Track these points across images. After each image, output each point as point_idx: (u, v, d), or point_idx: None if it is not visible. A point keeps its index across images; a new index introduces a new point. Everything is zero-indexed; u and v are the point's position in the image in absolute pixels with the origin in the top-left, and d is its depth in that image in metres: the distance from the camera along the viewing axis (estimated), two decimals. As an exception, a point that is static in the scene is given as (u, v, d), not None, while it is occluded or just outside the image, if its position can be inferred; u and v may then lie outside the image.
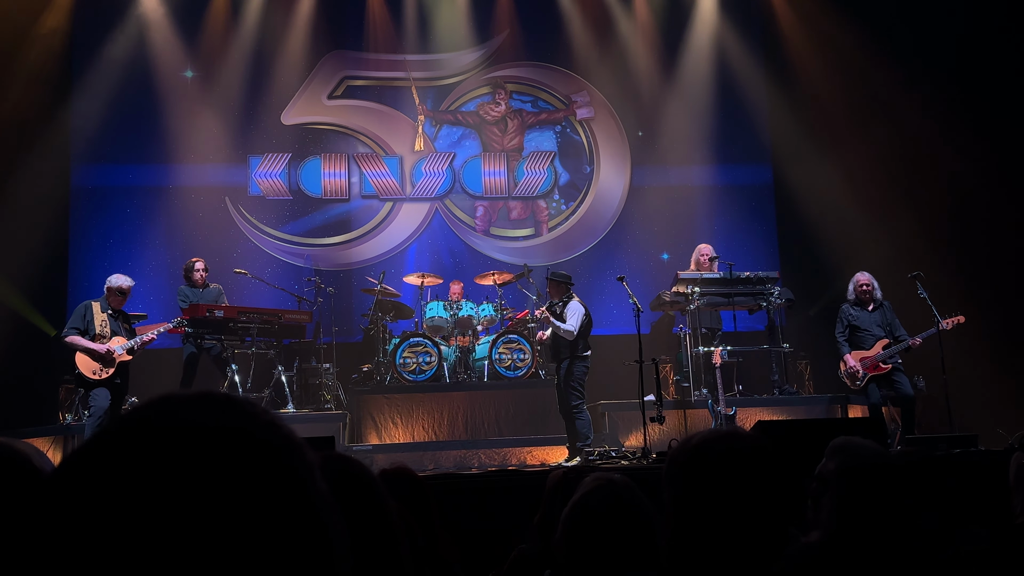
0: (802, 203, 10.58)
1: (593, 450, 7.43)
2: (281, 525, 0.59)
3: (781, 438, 5.12)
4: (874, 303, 7.81)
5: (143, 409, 0.62)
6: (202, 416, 0.61)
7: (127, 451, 0.59)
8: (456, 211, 10.99)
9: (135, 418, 0.61)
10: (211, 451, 0.59)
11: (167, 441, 0.59)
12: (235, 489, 0.58)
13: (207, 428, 0.60)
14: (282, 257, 10.55)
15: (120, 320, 7.26)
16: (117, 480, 0.57)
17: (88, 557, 0.55)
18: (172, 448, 0.59)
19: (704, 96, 11.17)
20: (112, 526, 0.56)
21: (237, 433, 0.61)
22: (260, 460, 0.60)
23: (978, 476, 4.14)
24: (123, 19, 10.28)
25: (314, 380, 8.89)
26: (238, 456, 0.60)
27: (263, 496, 0.59)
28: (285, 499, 0.60)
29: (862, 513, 1.87)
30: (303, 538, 0.60)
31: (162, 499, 0.56)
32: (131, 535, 0.55)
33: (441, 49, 11.10)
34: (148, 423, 0.61)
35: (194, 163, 10.39)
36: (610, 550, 1.80)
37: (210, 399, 0.63)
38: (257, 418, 0.63)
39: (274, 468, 0.60)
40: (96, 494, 0.57)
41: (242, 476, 0.59)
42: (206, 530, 0.56)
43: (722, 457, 1.51)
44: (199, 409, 0.62)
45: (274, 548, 0.58)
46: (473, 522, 4.91)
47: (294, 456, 0.62)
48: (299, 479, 0.61)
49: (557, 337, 7.56)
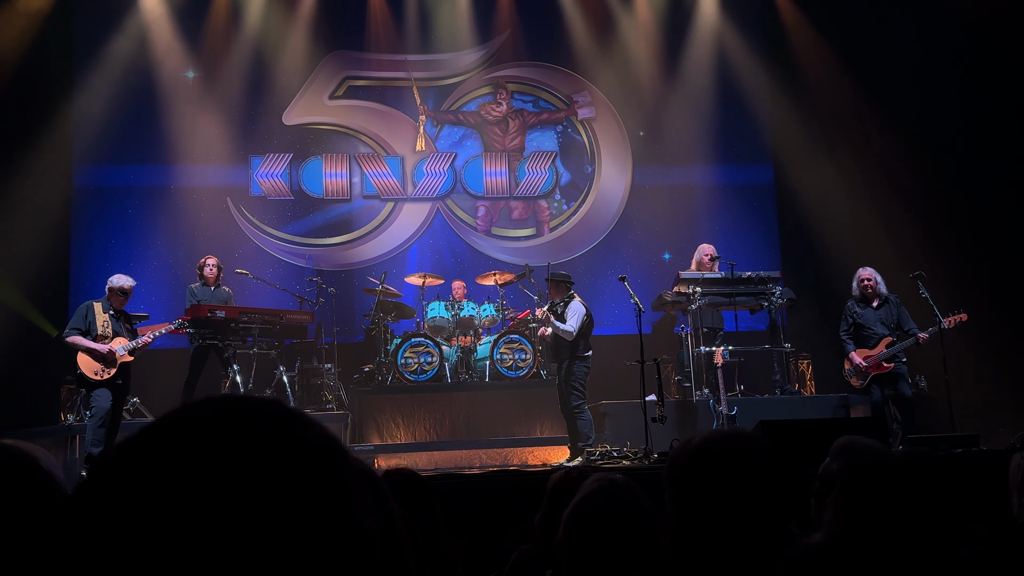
0: (804, 203, 10.58)
1: (595, 450, 7.43)
2: (326, 530, 0.59)
3: (783, 438, 5.12)
4: (879, 299, 7.78)
5: (198, 406, 0.63)
6: (258, 418, 0.62)
7: (176, 448, 0.59)
8: (457, 211, 11.00)
9: (189, 416, 0.62)
10: (265, 453, 0.60)
11: (223, 439, 0.60)
12: (285, 491, 0.59)
13: (263, 430, 0.61)
14: (283, 257, 10.56)
15: (122, 320, 7.25)
16: (162, 475, 0.58)
17: (133, 551, 0.55)
18: (227, 446, 0.59)
19: (705, 96, 11.17)
20: (160, 520, 0.56)
21: (293, 439, 0.62)
22: (305, 460, 0.61)
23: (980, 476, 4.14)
24: (124, 20, 10.28)
25: (316, 380, 8.90)
26: (291, 459, 0.60)
27: (311, 499, 0.60)
28: (332, 505, 0.60)
29: (866, 513, 1.87)
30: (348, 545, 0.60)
31: (211, 495, 0.57)
32: (173, 531, 0.56)
33: (442, 49, 11.11)
34: (201, 420, 0.61)
35: (195, 163, 10.40)
36: (612, 550, 1.80)
37: (267, 403, 0.64)
38: (312, 426, 0.64)
39: (318, 469, 0.61)
40: (146, 488, 0.57)
41: (292, 478, 0.59)
42: (251, 526, 0.56)
43: (723, 457, 1.52)
44: (255, 411, 0.63)
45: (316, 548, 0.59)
46: (475, 522, 4.91)
47: (338, 459, 0.63)
48: (345, 484, 0.62)
49: (558, 337, 7.56)
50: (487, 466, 7.60)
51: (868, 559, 1.82)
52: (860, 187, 10.04)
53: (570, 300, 7.59)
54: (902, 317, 7.75)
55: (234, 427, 0.60)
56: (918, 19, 9.92)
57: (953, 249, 9.40)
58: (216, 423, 0.61)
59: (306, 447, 0.62)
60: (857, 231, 9.91)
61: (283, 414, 0.63)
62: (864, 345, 7.73)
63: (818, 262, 10.23)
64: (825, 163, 10.30)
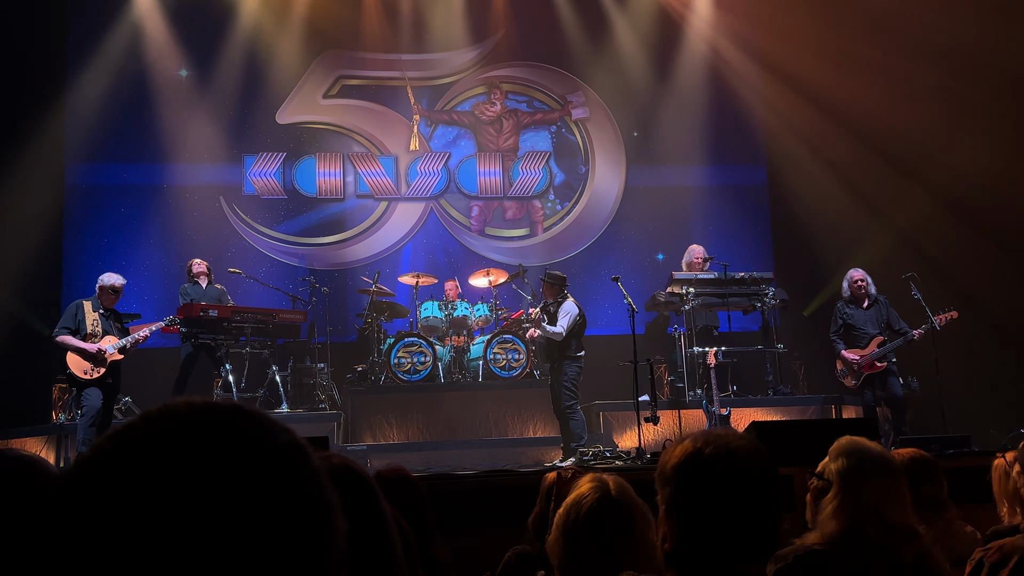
0: (797, 204, 10.59)
1: (587, 450, 7.43)
2: (286, 523, 0.61)
3: (775, 438, 5.12)
4: (869, 299, 7.81)
5: (162, 413, 0.64)
6: (218, 421, 0.63)
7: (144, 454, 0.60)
8: (451, 211, 10.99)
9: (154, 423, 0.63)
10: (226, 454, 0.61)
11: (188, 444, 0.61)
12: (248, 487, 0.60)
13: (226, 433, 0.62)
14: (277, 256, 10.53)
15: (112, 319, 7.21)
16: (134, 478, 0.59)
17: (111, 552, 0.57)
18: (190, 451, 0.60)
19: (699, 96, 11.18)
20: (132, 522, 0.57)
21: (249, 437, 0.63)
22: (270, 462, 0.62)
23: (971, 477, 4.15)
24: (118, 18, 10.24)
25: (308, 380, 8.88)
26: (251, 458, 0.62)
27: (271, 492, 0.61)
28: (292, 498, 0.62)
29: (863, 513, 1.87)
30: (306, 535, 0.61)
31: (177, 498, 0.58)
32: (147, 531, 0.57)
33: (436, 49, 11.09)
34: (166, 428, 0.62)
35: (189, 162, 10.37)
36: (604, 551, 1.80)
37: (224, 407, 0.65)
38: (267, 423, 0.65)
39: (282, 471, 0.62)
40: (118, 489, 0.59)
41: (254, 475, 0.61)
42: (219, 523, 0.58)
43: (716, 458, 1.51)
44: (216, 415, 0.64)
45: (277, 543, 0.60)
46: (468, 522, 4.91)
47: (302, 460, 0.65)
48: (306, 481, 0.64)
49: (548, 337, 7.56)
50: (480, 466, 7.59)
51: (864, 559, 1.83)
52: (853, 187, 10.06)
53: (563, 300, 7.59)
54: (892, 317, 7.78)
55: (198, 434, 0.61)
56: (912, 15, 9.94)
57: (945, 250, 9.43)
58: (178, 430, 0.61)
59: (270, 453, 0.63)
60: (850, 232, 9.93)
61: (247, 419, 0.64)
62: (855, 345, 7.75)
63: (811, 263, 10.25)
64: (818, 164, 10.32)
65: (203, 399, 0.66)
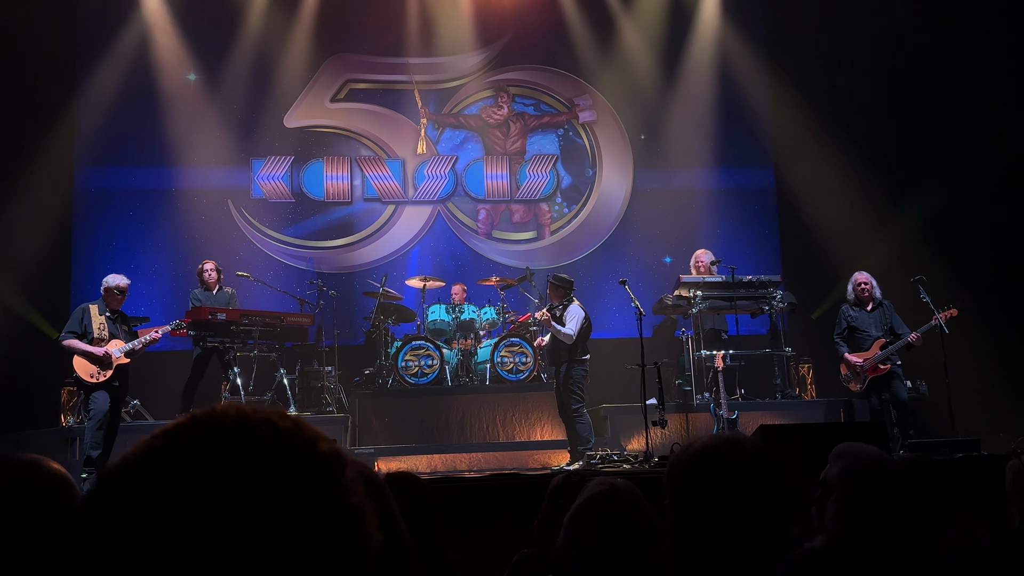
0: (804, 207, 10.57)
1: (595, 454, 7.43)
2: (325, 530, 0.63)
3: (783, 442, 5.11)
4: (873, 303, 7.81)
5: (211, 418, 0.66)
6: (265, 431, 0.65)
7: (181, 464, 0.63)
8: (458, 214, 11.00)
9: (193, 431, 0.65)
10: (271, 463, 0.63)
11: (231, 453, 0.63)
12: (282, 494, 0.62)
13: (271, 443, 0.65)
14: (284, 260, 10.56)
15: (120, 322, 7.19)
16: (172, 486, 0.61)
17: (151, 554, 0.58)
18: (231, 459, 0.63)
19: (706, 99, 11.17)
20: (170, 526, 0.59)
21: (293, 447, 0.65)
22: (313, 472, 0.65)
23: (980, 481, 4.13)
24: (126, 22, 10.29)
25: (316, 383, 8.89)
26: (294, 468, 0.64)
27: (305, 499, 0.63)
28: (331, 507, 0.65)
29: (866, 518, 1.87)
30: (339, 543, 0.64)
31: (215, 503, 0.60)
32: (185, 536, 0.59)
33: (444, 52, 11.11)
34: (205, 437, 0.64)
35: (197, 166, 10.41)
36: (613, 555, 1.80)
37: (269, 416, 0.68)
38: (309, 433, 0.68)
39: (323, 481, 0.65)
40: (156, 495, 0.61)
41: (297, 484, 0.63)
42: (259, 528, 0.60)
43: (724, 463, 1.52)
44: (262, 424, 0.66)
45: (310, 547, 0.62)
46: (475, 526, 4.91)
47: (342, 471, 0.68)
48: (344, 491, 0.66)
49: (556, 340, 7.56)
50: (487, 469, 7.59)
51: (868, 564, 1.82)
52: (861, 190, 10.03)
53: (569, 303, 7.59)
54: (895, 322, 7.78)
55: (236, 444, 0.63)
56: (920, 19, 9.92)
57: (953, 254, 9.40)
58: (217, 439, 0.63)
59: (307, 463, 0.65)
60: (857, 235, 9.90)
61: (291, 428, 0.66)
62: (858, 348, 7.75)
63: (818, 266, 10.22)
64: (826, 166, 10.29)
65: (250, 407, 0.68)
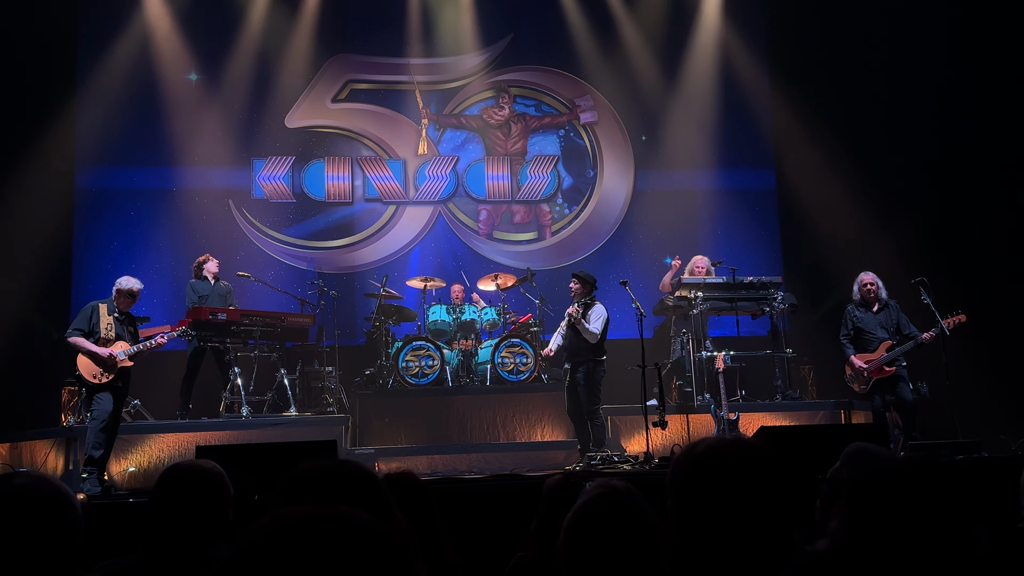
0: (805, 208, 10.57)
1: (596, 455, 7.41)
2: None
3: (785, 443, 5.10)
4: (879, 303, 7.77)
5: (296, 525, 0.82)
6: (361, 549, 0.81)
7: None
8: (459, 215, 10.99)
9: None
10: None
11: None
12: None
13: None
14: (285, 260, 10.56)
15: (126, 324, 7.17)
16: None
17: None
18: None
19: (708, 100, 11.17)
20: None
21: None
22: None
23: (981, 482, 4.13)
24: (128, 22, 10.29)
25: (317, 383, 8.89)
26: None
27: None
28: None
29: (873, 520, 1.86)
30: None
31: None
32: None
33: (445, 53, 11.11)
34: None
35: (198, 166, 10.41)
36: (613, 557, 1.79)
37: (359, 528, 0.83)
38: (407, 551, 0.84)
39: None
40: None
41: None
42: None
43: (726, 464, 1.51)
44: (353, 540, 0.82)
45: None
46: (474, 527, 4.90)
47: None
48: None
49: (578, 338, 7.54)
50: (487, 470, 7.58)
51: (874, 566, 1.81)
52: (862, 192, 10.03)
53: (592, 303, 7.60)
54: (901, 322, 7.74)
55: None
56: (920, 20, 9.91)
57: (955, 255, 9.39)
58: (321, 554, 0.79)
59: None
60: (859, 236, 9.89)
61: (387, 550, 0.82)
62: (864, 349, 7.71)
63: (819, 267, 10.21)
64: (827, 168, 10.29)
65: (338, 512, 0.83)
